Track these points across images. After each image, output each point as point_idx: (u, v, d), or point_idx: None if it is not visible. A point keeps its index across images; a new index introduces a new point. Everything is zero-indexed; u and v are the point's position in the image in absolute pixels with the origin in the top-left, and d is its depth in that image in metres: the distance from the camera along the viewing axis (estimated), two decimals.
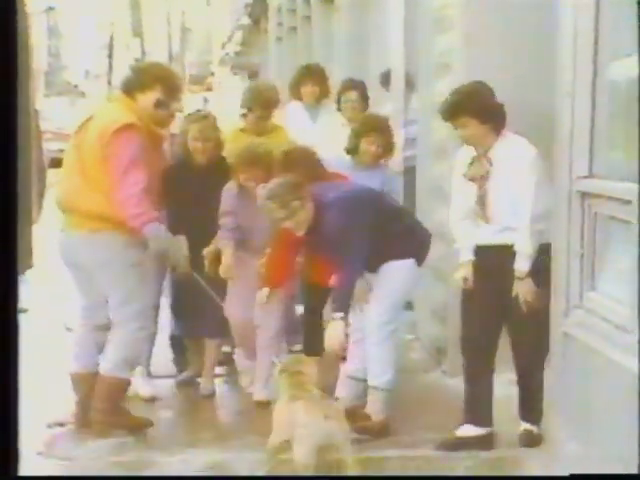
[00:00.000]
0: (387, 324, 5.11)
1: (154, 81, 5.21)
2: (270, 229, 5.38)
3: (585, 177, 4.56)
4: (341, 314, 4.92)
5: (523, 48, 5.68)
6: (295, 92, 7.38)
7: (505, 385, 5.00)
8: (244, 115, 6.59)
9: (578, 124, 4.54)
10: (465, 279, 4.87)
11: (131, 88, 5.24)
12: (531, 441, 4.84)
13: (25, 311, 7.65)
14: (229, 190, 5.71)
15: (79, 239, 5.18)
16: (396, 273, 5.10)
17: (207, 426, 5.43)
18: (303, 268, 5.71)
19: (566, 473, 4.25)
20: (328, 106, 7.34)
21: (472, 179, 4.85)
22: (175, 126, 6.20)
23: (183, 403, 5.89)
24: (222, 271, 5.64)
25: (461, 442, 4.82)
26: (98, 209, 5.08)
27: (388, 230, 5.10)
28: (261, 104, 6.47)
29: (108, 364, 5.19)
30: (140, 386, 5.87)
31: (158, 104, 5.20)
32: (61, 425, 5.30)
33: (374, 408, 5.12)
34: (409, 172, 7.67)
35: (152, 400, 5.85)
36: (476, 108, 4.79)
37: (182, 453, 4.87)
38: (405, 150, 7.98)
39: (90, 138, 5.10)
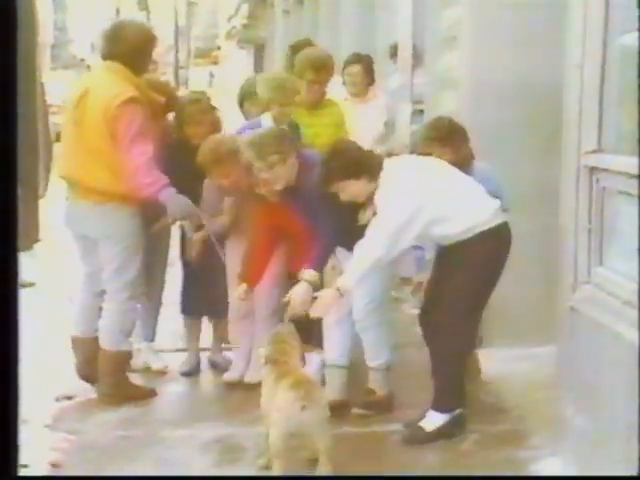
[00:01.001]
0: (375, 308, 5.01)
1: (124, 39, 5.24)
2: (250, 224, 5.34)
3: (594, 151, 4.54)
4: (311, 271, 4.69)
5: (531, 20, 5.63)
6: (299, 73, 7.33)
7: (512, 360, 5.00)
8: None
9: (587, 97, 4.51)
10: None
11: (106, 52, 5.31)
12: (415, 439, 4.66)
13: (32, 285, 7.68)
14: (207, 185, 5.60)
15: (85, 209, 5.29)
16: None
17: (214, 400, 5.46)
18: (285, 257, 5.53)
19: (573, 448, 4.27)
20: (334, 80, 7.28)
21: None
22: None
23: (190, 378, 5.89)
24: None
25: (428, 436, 4.66)
26: (104, 185, 5.16)
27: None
28: (315, 70, 5.92)
29: (107, 338, 5.33)
30: (151, 359, 5.91)
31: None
32: (69, 398, 5.34)
33: (376, 385, 5.12)
34: None
35: (163, 373, 5.88)
36: (345, 168, 4.59)
37: (189, 427, 4.88)
38: (413, 123, 7.96)
39: (92, 114, 5.13)
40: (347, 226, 4.76)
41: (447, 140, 4.93)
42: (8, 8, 2.48)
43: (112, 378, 5.30)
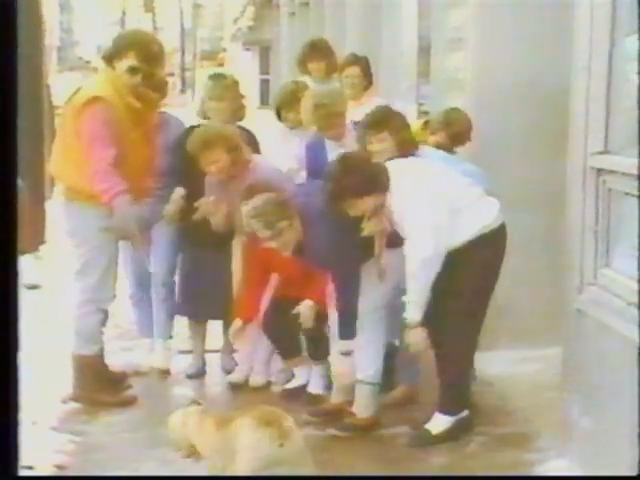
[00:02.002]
0: (377, 310, 4.84)
1: (128, 48, 5.19)
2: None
3: (600, 153, 4.52)
4: (348, 345, 4.71)
5: (538, 22, 5.62)
6: (303, 68, 7.34)
7: (518, 362, 4.99)
8: None
9: (594, 99, 4.50)
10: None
11: (109, 56, 5.27)
12: (422, 441, 4.63)
13: (37, 287, 7.68)
14: (208, 181, 5.54)
15: (60, 207, 5.45)
16: (390, 259, 4.75)
17: (219, 403, 5.46)
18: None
19: (579, 450, 4.26)
20: (333, 81, 7.28)
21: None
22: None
23: (195, 380, 5.88)
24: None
25: (435, 438, 4.63)
26: (71, 180, 5.25)
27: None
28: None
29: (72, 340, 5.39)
30: (155, 358, 5.94)
31: (131, 71, 5.17)
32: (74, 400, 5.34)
33: (361, 406, 4.91)
34: None
35: (166, 373, 5.89)
36: (357, 186, 4.50)
37: None
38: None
39: (68, 110, 5.23)
40: (350, 239, 4.65)
41: (383, 126, 4.89)
42: (8, 8, 2.48)
43: (77, 381, 5.32)
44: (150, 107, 5.39)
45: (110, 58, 5.25)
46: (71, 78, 29.16)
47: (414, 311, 4.44)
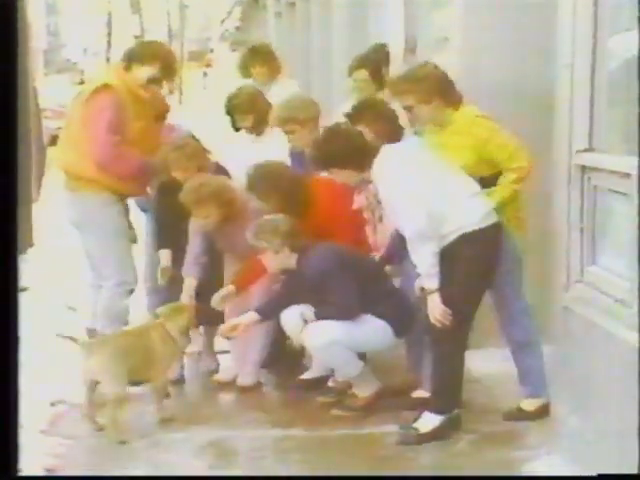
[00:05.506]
0: (331, 344, 4.85)
1: (154, 58, 5.45)
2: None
3: (585, 150, 4.55)
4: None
5: (522, 22, 5.64)
6: (245, 72, 7.41)
7: (506, 360, 5.00)
8: None
9: (578, 97, 4.53)
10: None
11: (131, 58, 5.49)
12: (411, 439, 4.63)
13: (26, 289, 7.67)
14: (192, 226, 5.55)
15: (65, 198, 5.58)
16: (367, 323, 4.89)
17: (209, 403, 5.46)
18: None
19: (567, 447, 4.28)
20: (282, 82, 7.28)
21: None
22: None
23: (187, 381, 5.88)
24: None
25: (423, 436, 4.63)
26: (75, 168, 5.43)
27: (369, 289, 4.89)
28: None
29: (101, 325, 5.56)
30: None
31: (152, 80, 5.46)
32: (64, 403, 5.33)
33: (360, 386, 5.07)
34: None
35: None
36: (329, 158, 4.72)
37: (184, 431, 4.88)
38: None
39: (76, 100, 5.47)
40: None
41: (356, 120, 4.99)
42: (9, 13, 2.48)
43: None
44: (156, 100, 5.65)
45: (131, 60, 5.47)
46: (58, 80, 29.13)
47: (428, 280, 4.48)
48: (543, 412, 4.80)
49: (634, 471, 3.47)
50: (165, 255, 5.66)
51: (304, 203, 5.16)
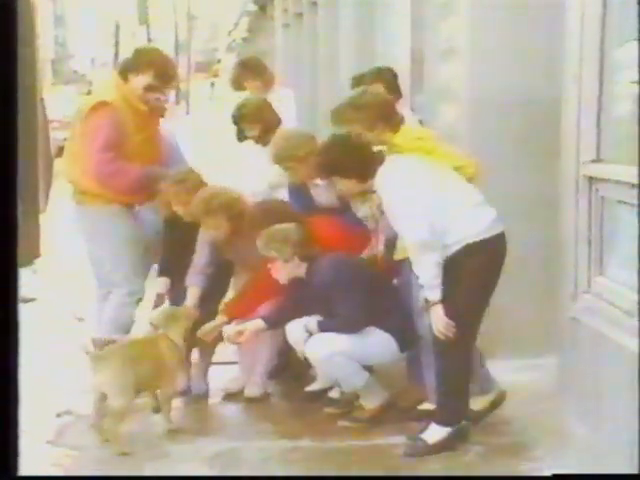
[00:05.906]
0: (332, 356, 4.84)
1: (149, 65, 5.44)
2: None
3: (592, 161, 4.54)
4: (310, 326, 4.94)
5: (529, 32, 5.64)
6: (238, 86, 7.42)
7: (514, 371, 4.99)
8: None
9: (585, 108, 4.52)
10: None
11: (127, 69, 5.51)
12: (418, 451, 4.60)
13: (33, 300, 7.69)
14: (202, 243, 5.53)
15: (73, 210, 5.66)
16: (371, 335, 4.90)
17: (216, 414, 5.45)
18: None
19: (575, 458, 4.26)
20: (277, 91, 7.28)
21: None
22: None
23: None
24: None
25: (431, 448, 4.60)
26: (79, 184, 5.50)
27: (376, 301, 4.89)
28: None
29: (105, 331, 5.60)
30: None
31: (148, 88, 5.45)
32: (70, 414, 5.32)
33: (367, 397, 5.06)
34: None
35: None
36: (332, 166, 4.72)
37: (192, 442, 4.87)
38: None
39: (77, 116, 5.53)
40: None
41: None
42: (8, 15, 2.48)
43: None
44: (155, 113, 5.64)
45: (126, 70, 5.49)
46: (66, 92, 29.19)
47: (430, 292, 4.47)
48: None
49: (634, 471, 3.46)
50: (163, 283, 5.69)
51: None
